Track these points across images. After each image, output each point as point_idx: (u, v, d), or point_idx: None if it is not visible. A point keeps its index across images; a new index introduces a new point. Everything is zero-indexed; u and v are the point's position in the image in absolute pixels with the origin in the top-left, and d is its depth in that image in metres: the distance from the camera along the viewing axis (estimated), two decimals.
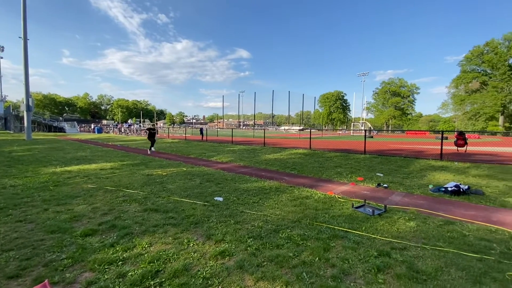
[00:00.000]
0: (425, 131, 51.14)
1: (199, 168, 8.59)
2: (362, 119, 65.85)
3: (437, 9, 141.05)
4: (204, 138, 25.24)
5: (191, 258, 2.82)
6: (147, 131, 14.21)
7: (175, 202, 4.84)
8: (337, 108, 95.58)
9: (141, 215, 4.13)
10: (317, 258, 2.81)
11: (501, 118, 56.78)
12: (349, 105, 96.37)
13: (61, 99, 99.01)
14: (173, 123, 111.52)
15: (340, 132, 58.02)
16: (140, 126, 57.64)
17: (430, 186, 5.92)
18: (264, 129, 26.46)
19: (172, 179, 6.89)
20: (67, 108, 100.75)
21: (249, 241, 3.24)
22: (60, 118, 66.15)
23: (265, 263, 2.73)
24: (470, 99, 60.39)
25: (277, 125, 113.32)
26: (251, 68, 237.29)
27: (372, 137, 34.96)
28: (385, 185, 6.11)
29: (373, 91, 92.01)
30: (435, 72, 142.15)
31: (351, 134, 50.57)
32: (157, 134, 14.76)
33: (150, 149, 13.83)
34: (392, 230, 3.56)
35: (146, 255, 2.88)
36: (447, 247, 3.06)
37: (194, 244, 3.15)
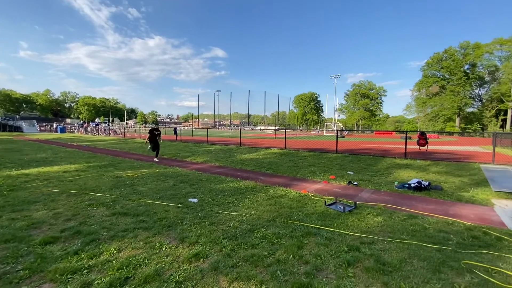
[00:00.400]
0: (391, 131, 54.48)
1: (172, 169, 8.35)
2: (335, 120, 68.45)
3: (402, 17, 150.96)
4: (178, 138, 24.58)
5: (164, 262, 2.73)
6: (150, 134, 10.84)
7: (146, 205, 4.65)
8: (311, 109, 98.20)
9: (109, 220, 3.91)
10: (291, 256, 2.87)
11: (457, 120, 62.11)
12: (322, 106, 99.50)
13: (17, 96, 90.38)
14: (145, 122, 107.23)
15: (314, 132, 59.71)
16: (108, 125, 54.58)
17: (396, 183, 6.31)
18: (240, 129, 26.43)
19: (144, 181, 6.62)
20: (25, 106, 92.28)
21: (224, 242, 3.21)
22: (17, 116, 60.57)
23: (240, 263, 2.72)
24: (431, 102, 65.35)
25: (253, 125, 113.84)
26: (227, 68, 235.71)
27: (344, 137, 36.45)
28: (355, 183, 6.40)
29: (345, 93, 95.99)
30: (400, 76, 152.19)
31: (324, 134, 52.31)
32: (160, 139, 11.22)
33: (157, 156, 10.88)
34: (361, 226, 3.74)
35: (114, 261, 2.74)
36: (410, 240, 3.28)
37: (166, 248, 3.06)
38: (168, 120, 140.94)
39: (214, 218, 4.00)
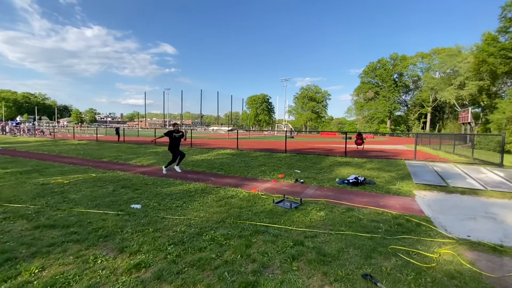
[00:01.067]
0: (335, 132, 59.37)
1: (113, 173, 7.62)
2: (285, 121, 71.52)
3: (344, 27, 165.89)
4: (121, 139, 22.60)
5: (99, 277, 2.46)
6: (168, 135, 8.02)
7: (79, 214, 4.14)
8: (263, 110, 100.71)
9: (30, 234, 3.37)
10: (239, 256, 2.87)
11: (388, 122, 70.78)
12: (273, 107, 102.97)
13: None
14: (81, 122, 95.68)
15: (266, 133, 61.33)
16: (34, 124, 47.10)
17: (337, 179, 6.87)
18: (192, 129, 25.58)
19: (77, 187, 5.89)
20: None
21: (169, 248, 3.05)
22: None
23: (186, 269, 2.62)
24: (367, 105, 73.14)
25: (206, 126, 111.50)
26: (178, 65, 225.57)
27: (293, 137, 38.30)
28: (301, 180, 6.77)
29: (294, 95, 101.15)
30: (343, 81, 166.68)
31: (276, 134, 54.17)
32: (184, 139, 8.53)
33: (170, 165, 7.99)
34: (306, 221, 3.96)
35: (36, 282, 2.36)
36: (347, 231, 3.59)
37: (103, 261, 2.77)
38: (109, 119, 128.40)
39: (159, 224, 3.77)
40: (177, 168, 8.03)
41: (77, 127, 51.55)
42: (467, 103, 43.20)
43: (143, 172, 7.83)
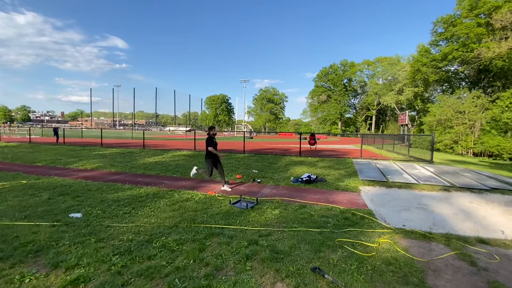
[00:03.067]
0: (291, 132, 61.79)
1: (49, 179, 6.75)
2: (244, 122, 71.92)
3: (299, 32, 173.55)
4: (61, 140, 20.17)
5: None
6: (212, 144, 6.12)
7: (3, 227, 3.57)
8: (222, 110, 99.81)
9: None
10: (192, 261, 2.78)
11: (339, 123, 76.15)
12: (233, 108, 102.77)
13: None
14: (11, 121, 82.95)
15: (226, 133, 60.90)
16: None
17: (292, 178, 7.13)
18: (144, 130, 24.08)
19: (2, 197, 5.08)
20: None
21: (114, 259, 2.80)
22: None
23: (132, 279, 2.44)
24: (321, 108, 77.69)
25: (162, 126, 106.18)
26: (130, 61, 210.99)
27: (252, 138, 38.73)
28: (258, 180, 6.86)
29: (253, 97, 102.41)
30: (298, 84, 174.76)
31: (235, 135, 54.14)
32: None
33: (225, 184, 6.13)
34: (261, 220, 4.02)
35: None
36: (299, 227, 3.74)
37: (32, 279, 2.42)
38: (47, 118, 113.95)
39: (103, 234, 3.45)
40: (226, 188, 6.07)
41: (4, 127, 44.65)
42: (405, 107, 48.76)
43: (86, 177, 7.09)
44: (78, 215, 4.11)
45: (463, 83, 35.35)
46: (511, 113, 18.49)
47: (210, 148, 6.05)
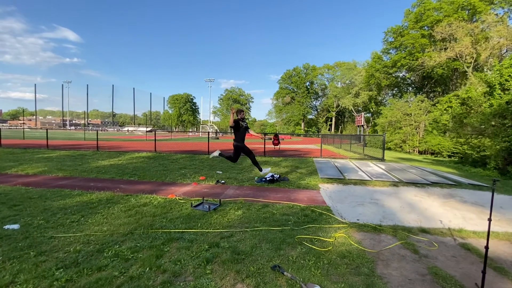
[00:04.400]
0: (258, 133, 62.48)
1: None
2: (210, 122, 70.75)
3: (264, 34, 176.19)
4: None
5: None
6: (235, 127, 6.19)
7: None
8: (186, 110, 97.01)
9: None
10: (148, 268, 2.63)
11: (302, 124, 79.12)
12: (198, 108, 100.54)
13: None
14: None
15: (191, 134, 59.30)
16: None
17: (256, 178, 7.19)
18: (99, 130, 22.27)
19: None
20: None
21: (57, 273, 2.53)
22: None
23: None
24: (285, 109, 79.96)
25: (119, 126, 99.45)
26: (83, 55, 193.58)
27: (218, 138, 38.26)
28: (222, 181, 6.79)
29: (219, 96, 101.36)
30: (264, 86, 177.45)
31: (200, 135, 52.99)
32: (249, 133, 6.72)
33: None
34: (223, 221, 3.97)
35: None
36: (262, 226, 3.78)
37: None
38: None
39: (45, 246, 3.09)
40: (266, 173, 6.40)
41: None
42: (361, 109, 52.48)
43: (27, 183, 6.31)
44: (15, 226, 3.63)
45: (410, 88, 39.27)
46: (449, 115, 21.01)
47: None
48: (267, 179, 6.77)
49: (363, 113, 38.99)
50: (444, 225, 4.28)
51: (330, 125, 75.05)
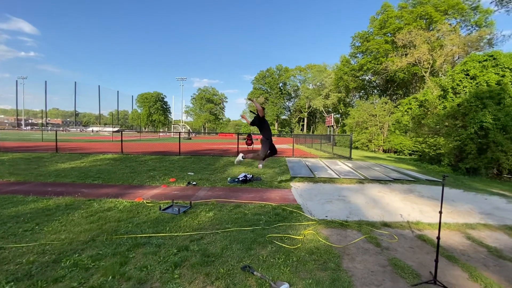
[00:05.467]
0: (232, 133, 62.23)
1: None
2: (182, 122, 68.93)
3: (237, 35, 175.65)
4: None
5: None
6: (264, 124, 5.74)
7: None
8: (157, 109, 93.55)
9: None
10: (110, 277, 2.48)
11: (276, 124, 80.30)
12: (169, 107, 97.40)
13: None
14: None
15: (162, 134, 57.27)
16: None
17: (228, 179, 7.15)
18: (57, 130, 20.58)
19: None
20: None
21: (7, 287, 2.29)
22: None
23: None
24: None
25: (83, 126, 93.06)
26: (40, 49, 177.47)
27: (190, 138, 37.42)
28: (194, 183, 6.65)
29: (191, 96, 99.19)
30: (238, 86, 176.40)
31: (172, 136, 51.39)
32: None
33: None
34: (193, 224, 3.88)
35: None
36: (233, 227, 3.76)
37: None
38: None
39: None
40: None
41: None
42: (331, 110, 54.58)
43: None
44: None
45: (375, 91, 41.71)
46: (409, 116, 22.66)
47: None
48: (240, 179, 6.77)
49: (332, 114, 40.66)
50: (404, 218, 4.60)
51: (303, 125, 77.08)
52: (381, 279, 2.64)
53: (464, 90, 12.80)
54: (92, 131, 58.12)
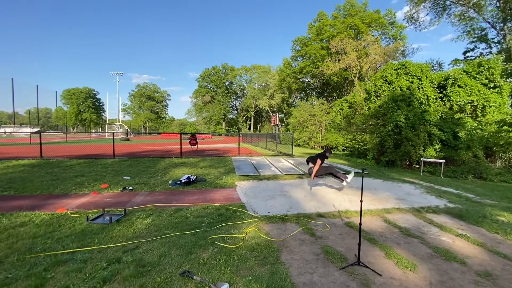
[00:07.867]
0: (176, 133, 59.38)
1: None
2: (118, 121, 62.71)
3: (182, 30, 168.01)
4: None
5: None
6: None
7: None
8: (88, 107, 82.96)
9: None
10: None
11: (223, 123, 79.80)
12: (103, 105, 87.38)
13: None
14: None
15: (94, 135, 51.21)
16: None
17: (170, 181, 6.81)
18: None
19: None
20: None
21: None
22: None
23: None
24: (205, 108, 78.82)
25: None
26: None
27: (128, 139, 34.37)
28: (130, 188, 6.13)
29: (129, 93, 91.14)
30: (182, 83, 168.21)
31: (106, 137, 46.33)
32: None
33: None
34: (128, 233, 3.58)
35: None
36: (172, 232, 3.60)
37: None
38: None
39: None
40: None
41: None
42: (275, 109, 56.86)
43: None
44: None
45: (314, 92, 45.06)
46: (341, 116, 25.20)
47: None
48: (183, 181, 6.52)
49: (277, 114, 42.40)
50: (336, 208, 5.09)
51: (250, 124, 78.42)
52: (315, 267, 2.87)
53: (384, 94, 14.82)
54: (5, 132, 48.21)
